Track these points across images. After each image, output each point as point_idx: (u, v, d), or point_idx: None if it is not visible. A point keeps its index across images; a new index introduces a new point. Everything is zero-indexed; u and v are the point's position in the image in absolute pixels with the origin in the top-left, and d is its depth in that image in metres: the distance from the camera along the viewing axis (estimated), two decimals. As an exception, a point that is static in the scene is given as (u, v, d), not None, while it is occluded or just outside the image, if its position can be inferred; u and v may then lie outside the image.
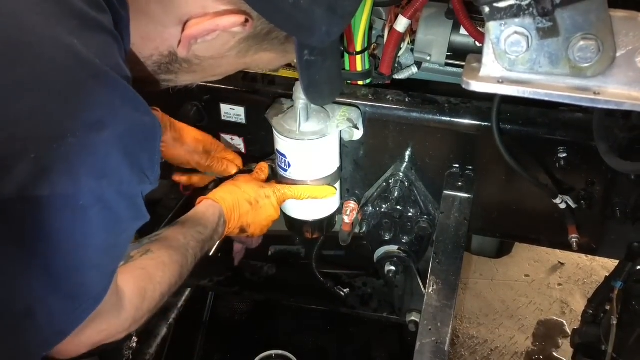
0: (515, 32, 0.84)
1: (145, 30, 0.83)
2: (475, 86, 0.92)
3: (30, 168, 0.62)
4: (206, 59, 0.88)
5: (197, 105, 1.42)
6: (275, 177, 1.39)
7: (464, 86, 0.94)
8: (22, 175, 0.62)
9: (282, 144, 1.30)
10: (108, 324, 0.88)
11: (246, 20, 0.80)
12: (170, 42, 0.84)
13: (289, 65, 1.46)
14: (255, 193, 1.30)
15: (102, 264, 0.76)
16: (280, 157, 1.33)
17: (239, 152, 1.48)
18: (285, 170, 1.34)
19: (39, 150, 0.63)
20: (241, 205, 1.27)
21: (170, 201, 1.85)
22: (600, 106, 0.88)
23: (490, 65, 0.90)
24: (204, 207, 1.25)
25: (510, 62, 0.88)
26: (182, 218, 1.20)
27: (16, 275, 0.66)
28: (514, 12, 0.83)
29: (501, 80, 0.91)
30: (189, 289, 1.72)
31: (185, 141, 1.38)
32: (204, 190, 1.54)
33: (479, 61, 0.91)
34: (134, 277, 0.98)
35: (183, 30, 0.81)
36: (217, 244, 1.26)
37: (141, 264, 1.02)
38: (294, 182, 1.34)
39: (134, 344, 1.57)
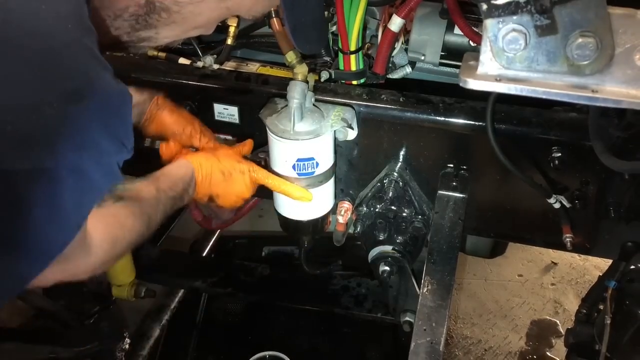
0: (513, 30, 0.84)
1: None
2: (473, 84, 0.92)
3: (7, 141, 0.61)
4: (185, 4, 0.85)
5: (191, 105, 1.41)
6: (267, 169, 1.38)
7: (461, 84, 0.93)
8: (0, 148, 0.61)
9: (276, 143, 1.30)
10: (74, 265, 0.89)
11: None
12: None
13: (282, 65, 1.45)
14: (230, 166, 1.27)
15: (69, 222, 0.76)
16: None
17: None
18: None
19: (15, 122, 0.61)
20: (214, 173, 1.25)
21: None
22: (598, 104, 0.88)
23: (488, 63, 0.90)
24: (179, 166, 1.22)
25: (507, 60, 0.88)
26: (157, 172, 1.18)
27: None
28: (512, 9, 0.82)
29: (499, 78, 0.90)
30: (182, 291, 1.70)
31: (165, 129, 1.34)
32: None
33: (476, 59, 0.91)
34: (105, 223, 0.97)
35: None
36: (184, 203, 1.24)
37: (113, 211, 1.00)
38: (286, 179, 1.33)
39: (127, 346, 1.55)
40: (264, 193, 1.48)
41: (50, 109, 0.64)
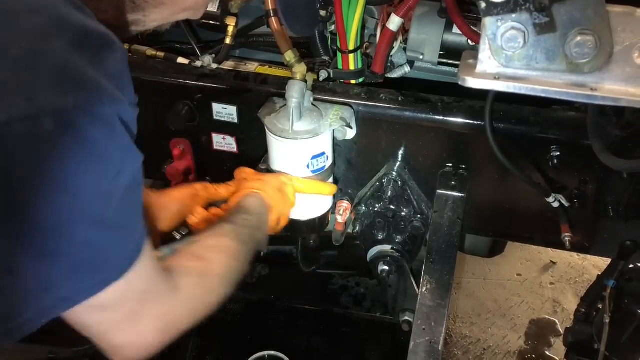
0: (512, 28, 0.84)
1: None
2: (472, 83, 0.91)
3: None
4: None
5: (189, 105, 1.41)
6: None
7: (460, 83, 0.93)
8: None
9: (275, 143, 1.29)
10: (164, 305, 0.80)
11: None
12: None
13: (281, 64, 1.45)
14: (278, 181, 1.24)
15: (105, 219, 0.68)
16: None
17: (231, 153, 1.47)
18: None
19: None
20: (274, 193, 1.21)
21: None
22: (597, 102, 0.88)
23: (487, 61, 0.90)
24: (242, 198, 1.17)
25: (506, 58, 0.88)
26: (235, 209, 1.12)
27: None
28: (511, 7, 0.82)
29: (497, 77, 0.90)
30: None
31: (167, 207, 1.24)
32: None
33: (475, 57, 0.91)
34: (187, 258, 0.91)
35: None
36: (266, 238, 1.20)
37: (193, 249, 0.94)
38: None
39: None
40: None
41: (17, 49, 0.58)
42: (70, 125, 0.61)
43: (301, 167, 1.30)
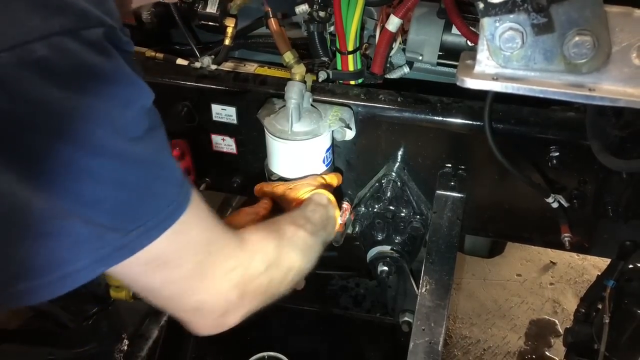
0: (510, 28, 0.84)
1: None
2: (470, 83, 0.91)
3: None
4: None
5: (188, 106, 1.41)
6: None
7: (458, 83, 0.93)
8: None
9: (274, 144, 1.29)
10: (234, 258, 0.78)
11: None
12: None
13: (280, 65, 1.45)
14: (316, 182, 1.28)
15: (126, 152, 0.64)
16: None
17: (230, 154, 1.47)
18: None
19: None
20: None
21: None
22: (595, 103, 0.88)
23: (485, 62, 0.90)
24: (309, 198, 1.19)
25: (504, 59, 0.88)
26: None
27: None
28: (509, 7, 0.82)
29: (496, 77, 0.90)
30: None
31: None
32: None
33: (473, 58, 0.91)
34: (262, 228, 0.89)
35: None
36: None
37: (271, 225, 0.93)
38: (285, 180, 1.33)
39: (125, 347, 1.55)
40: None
41: None
42: (61, 49, 0.57)
43: (318, 163, 1.31)
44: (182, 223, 0.69)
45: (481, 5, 0.82)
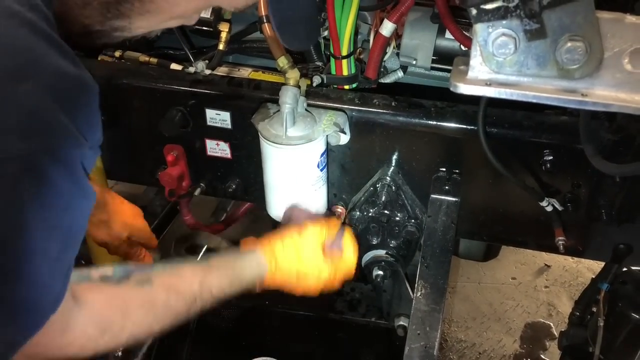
0: (503, 34, 0.84)
1: None
2: (463, 89, 0.92)
3: None
4: None
5: (182, 111, 1.40)
6: None
7: (451, 89, 0.94)
8: None
9: (268, 149, 1.29)
10: (45, 343, 0.75)
11: None
12: None
13: (274, 70, 1.45)
14: (311, 267, 1.19)
15: (47, 252, 0.66)
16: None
17: (225, 158, 1.47)
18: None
19: None
20: (290, 275, 1.18)
21: (156, 207, 1.83)
22: (587, 108, 0.88)
23: (478, 67, 0.90)
24: (249, 260, 1.15)
25: (497, 65, 0.88)
26: (215, 260, 1.10)
27: None
28: (501, 13, 0.83)
29: (489, 83, 0.91)
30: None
31: (112, 225, 1.34)
32: (188, 197, 1.52)
33: (467, 64, 0.91)
34: (105, 304, 0.86)
35: None
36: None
37: (124, 293, 0.90)
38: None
39: (119, 353, 1.54)
40: (256, 198, 1.48)
41: None
42: (32, 169, 0.60)
43: (312, 167, 1.31)
44: None
45: (474, 11, 0.82)
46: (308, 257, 1.19)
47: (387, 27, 1.34)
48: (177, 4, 0.81)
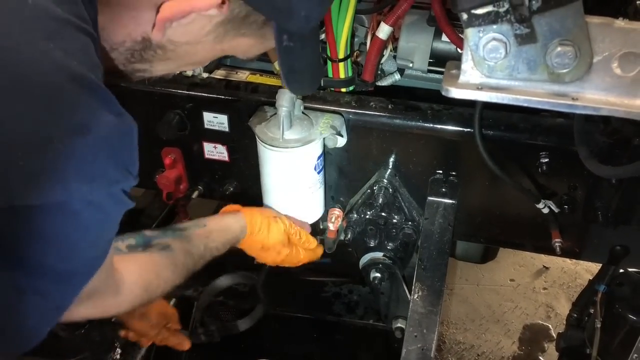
0: (494, 39, 0.85)
1: (117, 15, 0.80)
2: (455, 93, 0.92)
3: (19, 177, 0.62)
4: (181, 44, 0.85)
5: (180, 114, 1.41)
6: None
7: (443, 93, 0.94)
8: (12, 185, 0.62)
9: (265, 152, 1.30)
10: (104, 302, 0.95)
11: (223, 2, 0.78)
12: (144, 26, 0.81)
13: (271, 73, 1.46)
14: (273, 244, 1.36)
15: (92, 252, 0.78)
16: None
17: (222, 161, 1.47)
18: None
19: (27, 158, 0.62)
20: (257, 244, 1.35)
21: (154, 210, 1.84)
22: (578, 111, 0.89)
23: (470, 71, 0.91)
24: (234, 220, 1.32)
25: (489, 69, 0.89)
26: (211, 225, 1.28)
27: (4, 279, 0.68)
28: (492, 18, 0.83)
29: (480, 87, 0.91)
30: (173, 299, 1.70)
31: (150, 316, 1.49)
32: (186, 200, 1.53)
33: (459, 68, 0.92)
34: (143, 269, 1.07)
35: (157, 13, 0.79)
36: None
37: (155, 259, 1.11)
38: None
39: (118, 356, 1.55)
40: (254, 201, 1.49)
41: (59, 143, 0.64)
42: (93, 204, 0.70)
43: (309, 170, 1.32)
44: None
45: (465, 16, 0.83)
46: (274, 236, 1.34)
47: (383, 30, 1.34)
48: (195, 53, 0.89)
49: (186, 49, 0.86)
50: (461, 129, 1.29)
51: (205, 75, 1.43)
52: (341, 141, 1.34)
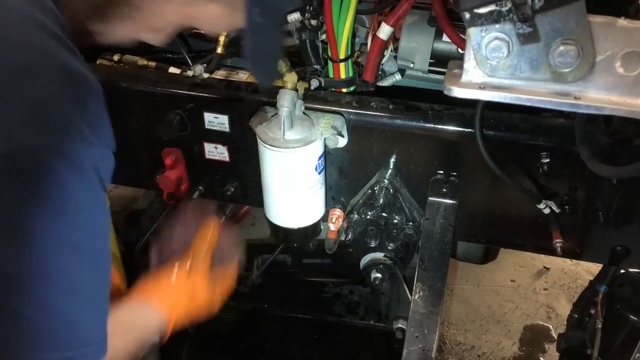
0: (496, 38, 0.85)
1: None
2: (457, 92, 0.92)
3: None
4: (148, 1, 0.81)
5: (181, 114, 1.41)
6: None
7: (445, 92, 0.94)
8: None
9: (266, 152, 1.30)
10: None
11: None
12: None
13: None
14: (200, 302, 1.20)
15: (74, 282, 0.69)
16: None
17: (223, 162, 1.47)
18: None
19: None
20: (184, 316, 1.18)
21: (154, 211, 1.84)
22: (580, 111, 0.89)
23: (472, 71, 0.91)
24: (153, 321, 1.14)
25: (491, 68, 0.89)
26: (129, 323, 1.10)
27: None
28: (495, 17, 0.83)
29: (483, 86, 0.91)
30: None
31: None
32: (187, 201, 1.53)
33: (461, 67, 0.92)
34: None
35: None
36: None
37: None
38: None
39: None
40: (255, 201, 1.49)
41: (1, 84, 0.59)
42: (44, 165, 0.61)
43: (310, 170, 1.32)
44: None
45: (467, 15, 0.83)
46: (197, 295, 1.19)
47: (384, 31, 1.34)
48: (160, 14, 0.84)
49: (152, 8, 0.82)
50: (462, 129, 1.29)
51: (206, 75, 1.43)
52: (342, 141, 1.34)
